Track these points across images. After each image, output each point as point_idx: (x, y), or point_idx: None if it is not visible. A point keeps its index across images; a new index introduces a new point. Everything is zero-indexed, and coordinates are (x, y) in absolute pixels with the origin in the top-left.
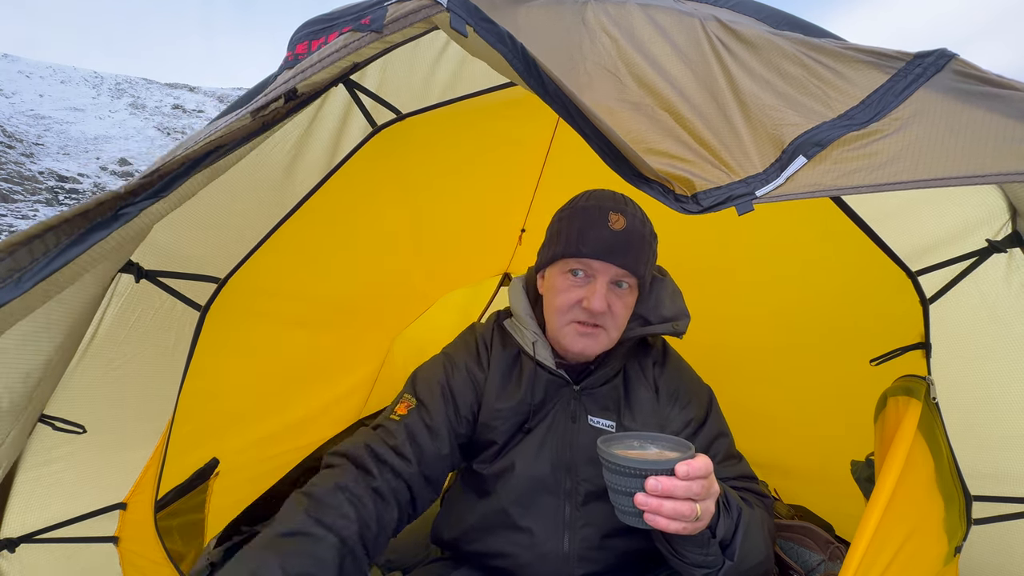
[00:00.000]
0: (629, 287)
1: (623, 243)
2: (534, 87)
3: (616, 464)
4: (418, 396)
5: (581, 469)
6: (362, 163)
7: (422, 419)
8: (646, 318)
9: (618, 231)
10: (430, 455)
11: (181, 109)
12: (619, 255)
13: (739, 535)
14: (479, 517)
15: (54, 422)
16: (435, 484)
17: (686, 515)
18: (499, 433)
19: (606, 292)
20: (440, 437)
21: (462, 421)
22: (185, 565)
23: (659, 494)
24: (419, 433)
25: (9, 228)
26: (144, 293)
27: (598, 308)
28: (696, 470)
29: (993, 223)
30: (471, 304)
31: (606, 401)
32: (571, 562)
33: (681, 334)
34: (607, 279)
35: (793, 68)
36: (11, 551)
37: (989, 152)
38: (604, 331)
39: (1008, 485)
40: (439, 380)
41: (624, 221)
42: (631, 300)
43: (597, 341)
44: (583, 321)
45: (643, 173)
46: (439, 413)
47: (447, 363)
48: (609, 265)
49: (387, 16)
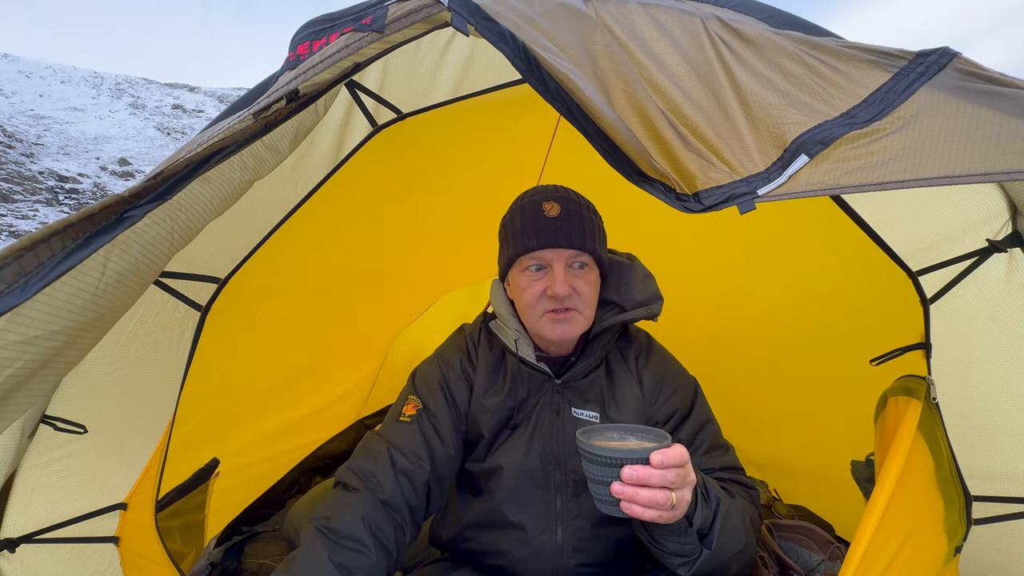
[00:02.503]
0: (587, 266)
1: (564, 226)
2: (535, 85)
3: (592, 454)
4: (422, 399)
5: (569, 461)
6: (363, 163)
7: (431, 423)
8: (621, 305)
9: (555, 217)
10: (440, 457)
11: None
12: (563, 237)
13: (717, 524)
14: (474, 516)
15: (55, 422)
16: (445, 485)
17: (661, 503)
18: (486, 428)
19: (565, 275)
20: (447, 439)
21: (462, 419)
22: (185, 565)
23: (634, 482)
24: (430, 437)
25: (9, 228)
26: (145, 293)
27: (562, 292)
28: (671, 459)
29: (993, 223)
30: (471, 304)
31: (589, 393)
32: (565, 553)
33: (655, 317)
34: (562, 264)
35: (795, 67)
36: (11, 551)
37: (991, 150)
38: (577, 312)
39: (1008, 485)
40: (438, 381)
41: (558, 206)
42: (593, 277)
43: (574, 324)
44: (555, 309)
45: (645, 172)
46: (443, 415)
47: (441, 363)
48: (559, 250)
49: (388, 16)
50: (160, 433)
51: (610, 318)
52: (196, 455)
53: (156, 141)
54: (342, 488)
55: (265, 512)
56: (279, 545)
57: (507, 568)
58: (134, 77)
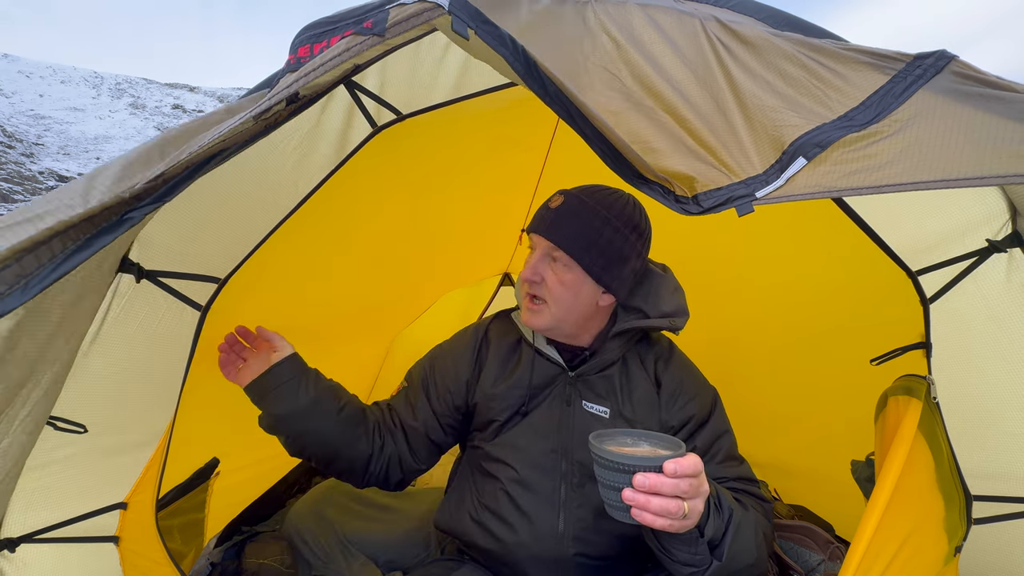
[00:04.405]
0: (564, 265)
1: (555, 219)
2: (535, 89)
3: (605, 459)
4: (407, 381)
5: (576, 452)
6: (362, 163)
7: (406, 398)
8: (644, 312)
9: (555, 207)
10: (409, 427)
11: (181, 109)
12: (548, 228)
13: (728, 536)
14: (480, 498)
15: (55, 422)
16: (416, 450)
17: (673, 512)
18: (497, 412)
19: (539, 263)
20: (419, 414)
21: (443, 403)
22: (185, 565)
23: (646, 490)
24: (402, 409)
25: None
26: (144, 293)
27: (527, 274)
28: (684, 468)
29: (993, 223)
30: (471, 304)
31: (601, 388)
32: (565, 541)
33: (678, 331)
34: (541, 251)
35: (793, 69)
36: (11, 551)
37: (989, 153)
38: (545, 305)
39: (1008, 485)
40: (423, 365)
41: (562, 200)
42: (568, 278)
43: (540, 316)
44: (531, 295)
45: (643, 174)
46: (419, 394)
47: (434, 351)
48: (542, 238)
49: (389, 19)
50: (160, 433)
51: (631, 321)
52: (196, 455)
53: None
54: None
55: (265, 512)
56: (279, 545)
57: (507, 554)
58: (134, 77)
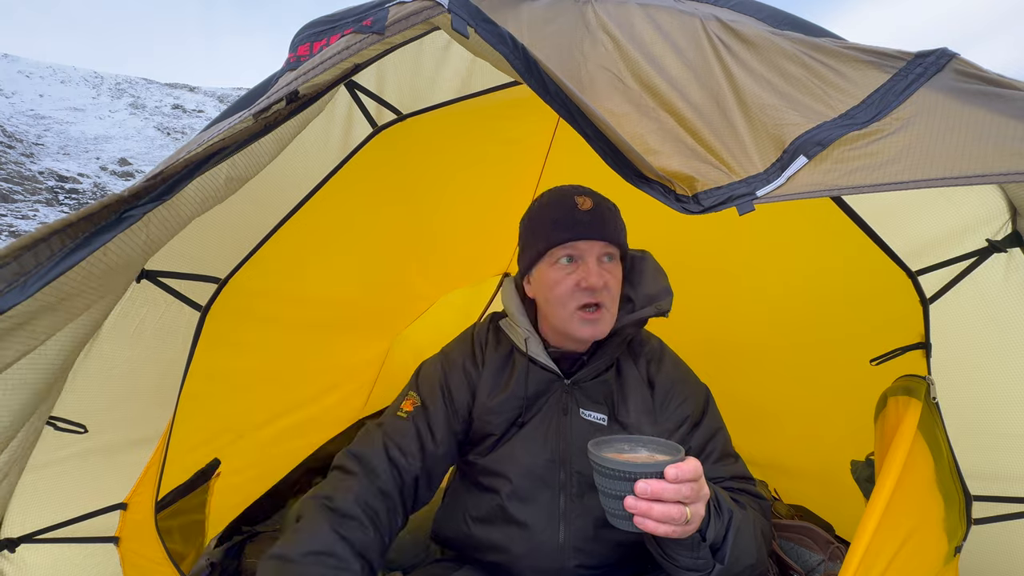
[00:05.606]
0: (615, 260)
1: (598, 219)
2: (535, 87)
3: (605, 467)
4: (421, 396)
5: (574, 461)
6: (362, 163)
7: (426, 420)
8: (633, 300)
9: (589, 209)
10: (431, 454)
11: (181, 109)
12: (598, 230)
13: (730, 538)
14: (477, 511)
15: (56, 422)
16: (434, 481)
17: (675, 518)
18: (494, 427)
19: (601, 268)
20: (439, 438)
21: (459, 420)
22: (185, 565)
23: (648, 497)
24: (424, 435)
25: (9, 228)
26: (145, 293)
27: (597, 283)
28: (685, 473)
29: (993, 223)
30: (471, 304)
31: (597, 394)
32: (566, 553)
33: (666, 313)
34: (595, 256)
35: (794, 68)
36: (11, 551)
37: (990, 152)
38: (605, 309)
39: (1008, 485)
40: (439, 381)
41: (590, 201)
42: (619, 273)
43: (603, 323)
44: (586, 305)
45: (644, 173)
46: (439, 415)
47: (444, 362)
48: (593, 242)
49: (389, 18)
50: (160, 433)
51: (623, 317)
52: (196, 455)
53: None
54: (340, 471)
55: (266, 512)
56: None
57: (507, 565)
58: (134, 77)
